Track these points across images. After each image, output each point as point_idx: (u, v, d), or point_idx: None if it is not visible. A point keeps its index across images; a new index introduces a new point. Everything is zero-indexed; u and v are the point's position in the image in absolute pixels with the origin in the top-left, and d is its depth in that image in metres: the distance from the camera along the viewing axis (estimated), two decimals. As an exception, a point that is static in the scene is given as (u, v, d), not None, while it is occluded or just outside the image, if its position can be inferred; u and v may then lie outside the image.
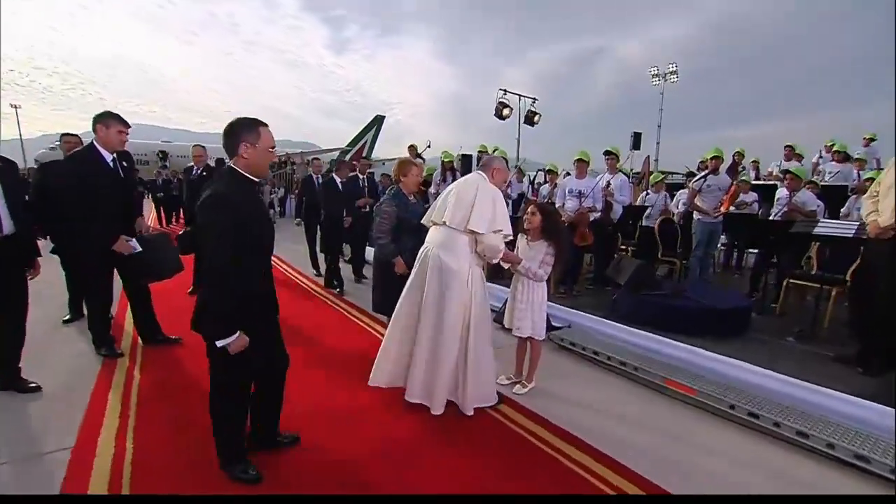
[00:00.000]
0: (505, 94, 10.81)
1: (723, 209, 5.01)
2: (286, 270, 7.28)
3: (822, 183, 6.64)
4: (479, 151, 8.05)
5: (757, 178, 8.58)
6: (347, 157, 23.10)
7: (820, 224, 3.76)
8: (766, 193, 7.17)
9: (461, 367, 2.84)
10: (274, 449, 2.38)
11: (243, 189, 1.96)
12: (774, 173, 8.58)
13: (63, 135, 4.11)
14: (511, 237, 2.99)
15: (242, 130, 1.93)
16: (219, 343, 1.88)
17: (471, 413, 2.84)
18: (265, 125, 1.97)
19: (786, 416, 2.72)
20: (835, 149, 7.47)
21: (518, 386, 3.27)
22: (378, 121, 28.28)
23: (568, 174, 6.64)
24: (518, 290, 3.23)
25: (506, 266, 3.22)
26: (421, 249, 2.96)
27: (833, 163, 7.30)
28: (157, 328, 3.77)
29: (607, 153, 5.16)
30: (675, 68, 18.14)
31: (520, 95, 11.19)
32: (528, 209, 3.28)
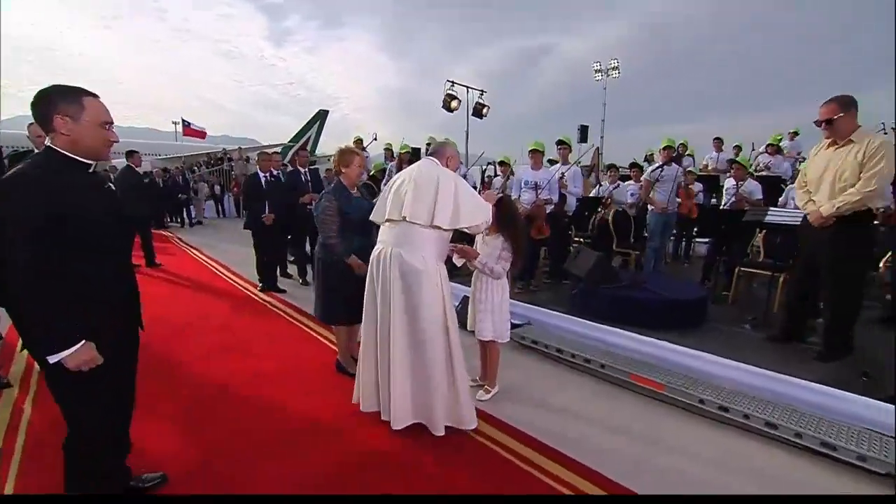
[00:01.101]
0: (452, 85, 10.54)
1: (684, 210, 5.07)
2: (225, 275, 6.67)
3: (759, 174, 6.92)
4: (427, 145, 7.77)
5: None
6: (290, 153, 22.05)
7: (770, 212, 3.79)
8: (710, 184, 7.42)
9: (450, 377, 2.49)
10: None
11: (65, 172, 1.53)
12: (710, 167, 8.93)
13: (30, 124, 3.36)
14: (489, 219, 2.62)
15: (57, 100, 1.52)
16: (51, 358, 1.46)
17: (475, 426, 2.55)
18: (93, 95, 1.58)
19: (755, 407, 2.66)
20: (768, 142, 7.85)
21: (481, 391, 3.04)
22: (322, 115, 27.25)
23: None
24: (477, 288, 3.00)
25: (459, 263, 2.95)
26: (374, 252, 2.56)
27: (766, 154, 7.66)
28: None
29: (560, 143, 5.04)
30: (616, 64, 18.70)
31: (468, 87, 10.95)
32: None
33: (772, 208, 3.88)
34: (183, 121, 26.57)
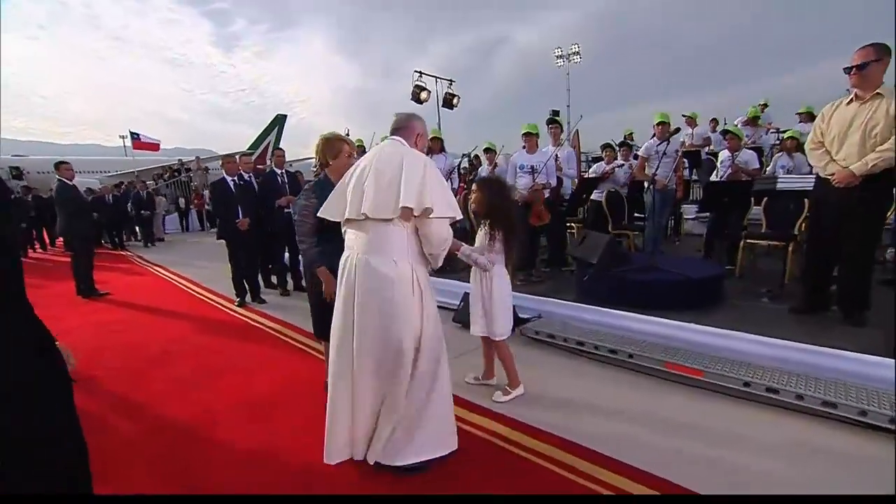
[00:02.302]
0: (420, 76, 10.20)
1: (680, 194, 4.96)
2: (197, 292, 6.15)
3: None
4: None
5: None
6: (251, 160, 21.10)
7: (780, 180, 3.65)
8: (692, 160, 7.37)
9: (422, 402, 2.05)
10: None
11: None
12: (688, 143, 8.94)
13: None
14: (458, 218, 2.14)
15: None
16: None
17: (418, 460, 2.06)
18: None
19: (807, 386, 2.47)
20: (748, 115, 7.88)
21: (498, 393, 2.78)
22: (280, 120, 26.33)
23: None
24: (471, 282, 2.79)
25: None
26: (341, 261, 2.14)
27: (748, 127, 7.69)
28: None
29: (552, 122, 4.80)
30: (577, 49, 18.71)
31: (436, 77, 10.64)
32: (473, 188, 2.75)
33: (782, 176, 3.75)
34: (132, 133, 25.06)
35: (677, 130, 4.78)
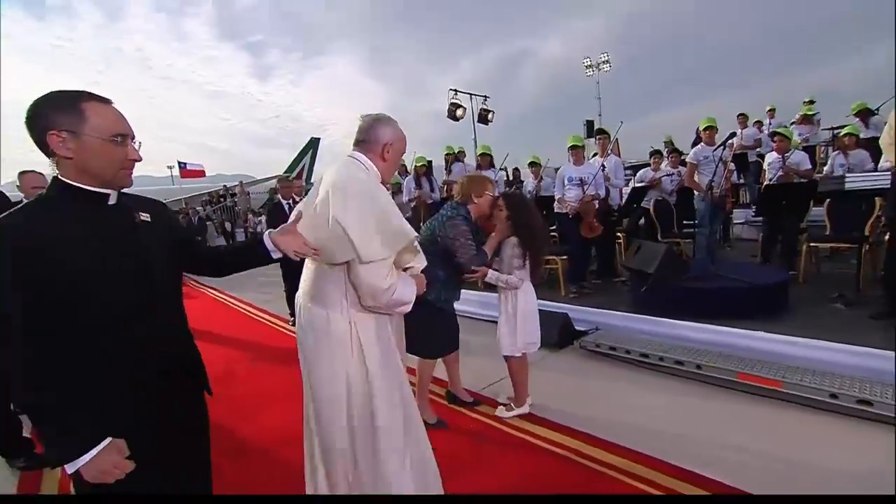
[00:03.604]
0: (456, 94, 10.38)
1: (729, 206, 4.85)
2: (252, 313, 6.37)
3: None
4: (446, 154, 7.50)
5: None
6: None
7: (848, 179, 3.49)
8: (740, 163, 7.14)
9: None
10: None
11: (67, 212, 1.11)
12: (736, 144, 8.65)
13: (21, 173, 2.90)
14: (415, 266, 1.73)
15: (50, 112, 1.07)
16: (68, 468, 1.08)
17: None
18: (100, 100, 1.13)
19: (905, 397, 2.32)
20: (801, 112, 7.59)
21: (501, 408, 2.80)
22: (314, 143, 27.14)
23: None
24: (499, 300, 2.74)
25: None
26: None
27: (803, 126, 7.41)
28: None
29: (600, 132, 4.77)
30: (607, 57, 18.57)
31: (470, 94, 10.81)
32: (498, 203, 2.62)
33: (849, 174, 3.58)
34: (179, 163, 26.38)
35: (733, 135, 4.64)
